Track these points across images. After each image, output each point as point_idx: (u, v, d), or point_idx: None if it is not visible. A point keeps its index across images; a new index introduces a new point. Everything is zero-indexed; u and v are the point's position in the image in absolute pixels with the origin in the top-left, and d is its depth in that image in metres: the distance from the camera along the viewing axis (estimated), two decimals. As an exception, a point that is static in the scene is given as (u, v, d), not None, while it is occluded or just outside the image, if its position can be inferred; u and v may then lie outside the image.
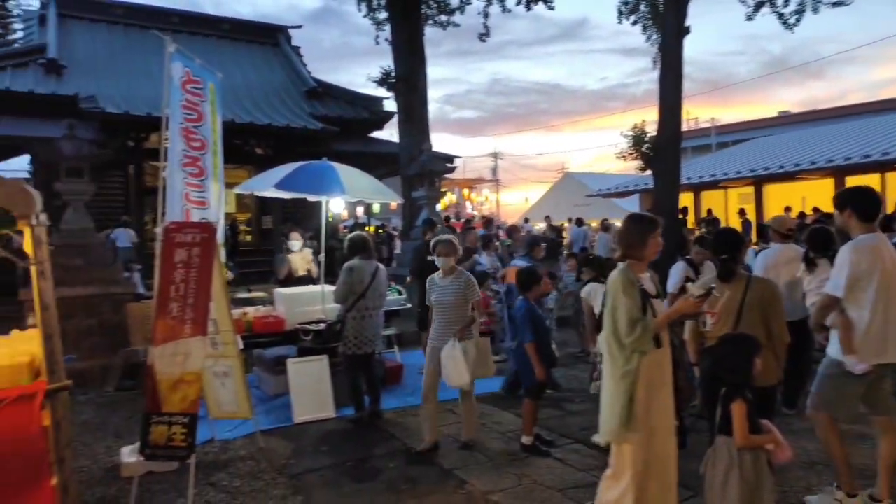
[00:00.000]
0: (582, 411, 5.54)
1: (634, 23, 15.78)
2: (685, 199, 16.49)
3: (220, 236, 5.01)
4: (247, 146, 15.22)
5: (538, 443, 4.70)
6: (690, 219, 16.86)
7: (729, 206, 19.59)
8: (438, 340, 4.76)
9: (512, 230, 10.07)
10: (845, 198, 3.57)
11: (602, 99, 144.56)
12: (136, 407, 6.07)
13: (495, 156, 43.79)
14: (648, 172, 14.37)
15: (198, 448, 4.04)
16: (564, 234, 19.87)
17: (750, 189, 18.53)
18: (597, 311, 4.93)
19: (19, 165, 16.40)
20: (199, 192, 5.30)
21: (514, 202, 43.47)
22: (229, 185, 17.47)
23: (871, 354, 3.38)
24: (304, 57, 20.35)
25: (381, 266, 5.71)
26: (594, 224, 19.52)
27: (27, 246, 2.84)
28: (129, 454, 4.40)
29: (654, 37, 15.77)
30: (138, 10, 18.44)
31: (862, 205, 3.50)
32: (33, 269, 2.84)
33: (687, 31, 12.29)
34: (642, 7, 15.31)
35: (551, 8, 15.19)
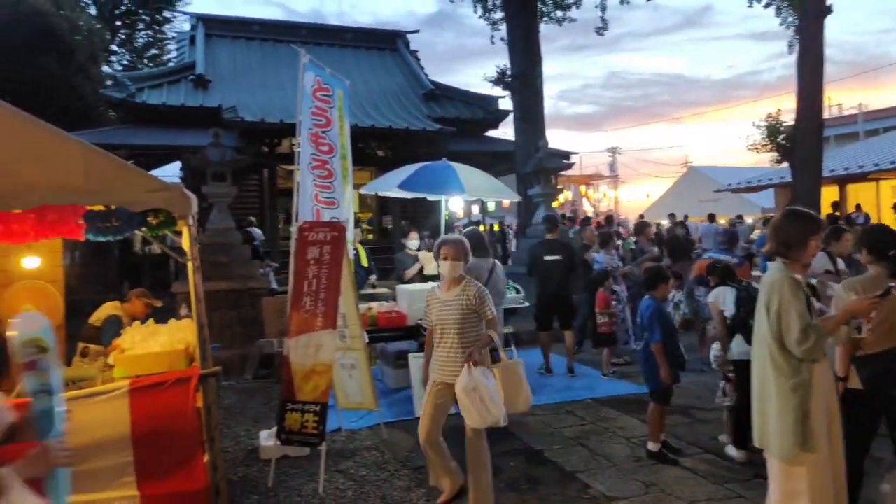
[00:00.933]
0: (712, 419, 5.23)
1: (767, 5, 14.67)
2: (829, 194, 15.04)
3: (350, 234, 5.24)
4: (368, 148, 15.82)
5: (665, 450, 4.50)
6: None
7: (882, 200, 17.66)
8: (442, 372, 3.72)
9: (640, 227, 9.61)
10: None
11: (729, 88, 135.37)
12: (271, 394, 6.53)
13: (613, 151, 42.43)
14: (785, 165, 13.27)
15: (327, 436, 4.25)
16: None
17: (907, 180, 16.60)
18: (727, 315, 4.60)
19: (171, 171, 18.17)
20: (328, 192, 5.57)
21: (634, 198, 41.87)
22: (354, 187, 18.22)
23: None
24: (422, 60, 20.84)
25: (498, 263, 5.72)
26: (723, 221, 18.34)
27: (185, 244, 3.13)
28: (266, 438, 4.73)
29: (790, 19, 14.58)
30: (272, 26, 19.81)
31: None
32: (189, 265, 3.14)
33: (828, 10, 11.22)
34: (777, -11, 14.19)
35: (675, -6, 14.47)
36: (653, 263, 6.70)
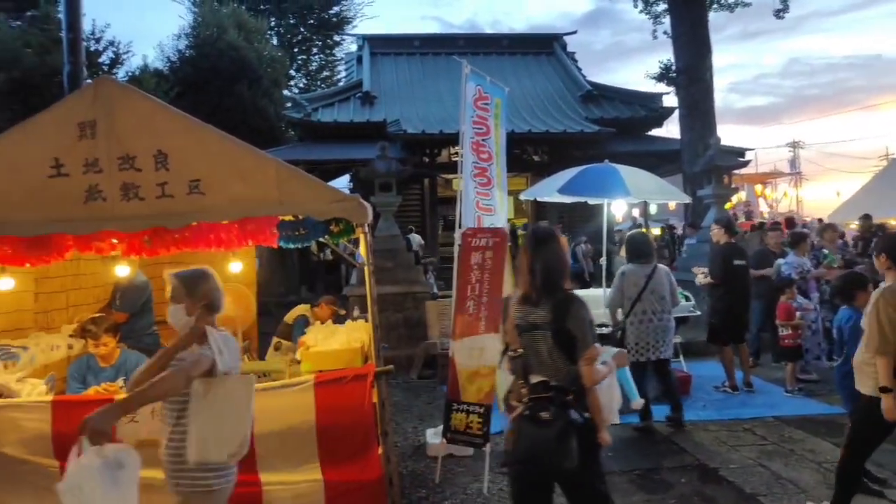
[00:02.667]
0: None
1: None
2: None
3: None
4: (524, 154, 15.86)
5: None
6: None
7: None
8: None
9: (826, 230, 8.52)
10: None
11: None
12: (436, 394, 6.77)
13: (795, 145, 38.42)
14: None
15: (491, 437, 4.31)
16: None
17: None
18: None
19: (341, 184, 19.63)
20: (487, 199, 5.65)
21: (821, 197, 37.49)
22: (509, 193, 18.30)
23: None
24: (578, 61, 20.50)
25: (662, 268, 5.43)
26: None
27: (362, 250, 3.37)
28: (433, 436, 4.91)
29: None
30: (431, 40, 20.66)
31: None
32: (366, 270, 3.37)
33: None
34: None
35: (872, -35, 12.80)
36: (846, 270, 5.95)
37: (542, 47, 20.77)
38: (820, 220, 21.13)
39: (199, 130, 3.21)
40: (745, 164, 16.26)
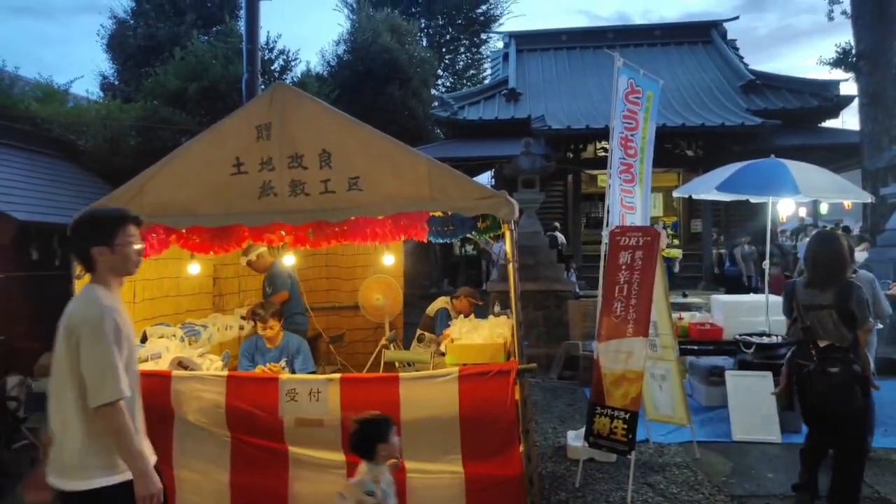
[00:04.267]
0: None
1: None
2: None
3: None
4: (676, 149, 15.02)
5: None
6: None
7: None
8: None
9: None
10: None
11: None
12: (575, 396, 6.64)
13: None
14: None
15: (636, 445, 4.14)
16: None
17: None
18: None
19: (483, 181, 19.85)
20: (630, 197, 5.46)
21: None
22: (658, 190, 17.57)
23: None
24: (740, 49, 19.00)
25: (864, 275, 4.87)
26: None
27: (507, 246, 3.38)
28: (574, 438, 4.82)
29: None
30: (578, 34, 20.20)
31: None
32: (510, 267, 3.37)
33: None
34: None
35: None
36: None
37: (699, 36, 19.51)
38: None
39: (358, 130, 3.41)
40: (945, 158, 14.12)
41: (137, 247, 2.34)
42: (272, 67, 15.47)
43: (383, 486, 2.71)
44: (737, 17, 20.31)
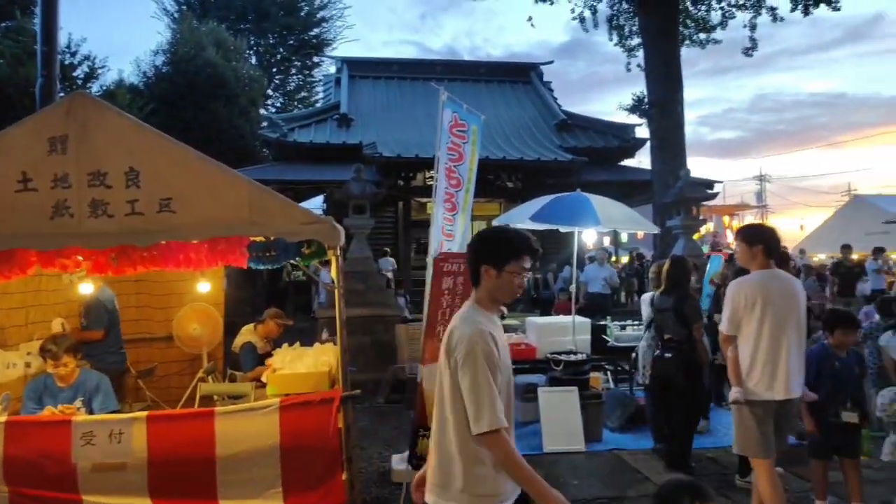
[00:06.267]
0: (884, 479, 4.64)
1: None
2: None
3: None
4: (498, 180, 16.03)
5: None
6: None
7: None
8: None
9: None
10: (757, 234, 3.76)
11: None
12: (403, 419, 6.71)
13: (761, 178, 39.59)
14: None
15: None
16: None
17: None
18: None
19: (314, 205, 19.54)
20: (450, 225, 5.68)
21: (786, 230, 38.51)
22: (482, 218, 18.48)
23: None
24: (554, 91, 20.90)
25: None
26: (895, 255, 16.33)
27: (333, 272, 3.37)
28: (398, 462, 4.87)
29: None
30: (409, 65, 20.89)
31: (772, 242, 3.72)
32: (336, 293, 3.37)
33: None
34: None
35: (836, 9, 13.33)
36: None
37: (519, 76, 21.14)
38: (802, 252, 21.59)
39: (172, 149, 3.21)
40: (714, 196, 16.64)
41: (522, 280, 2.19)
42: (74, 74, 14.00)
43: None
44: (552, 62, 22.26)
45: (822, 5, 13.36)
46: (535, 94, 20.24)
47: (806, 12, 13.51)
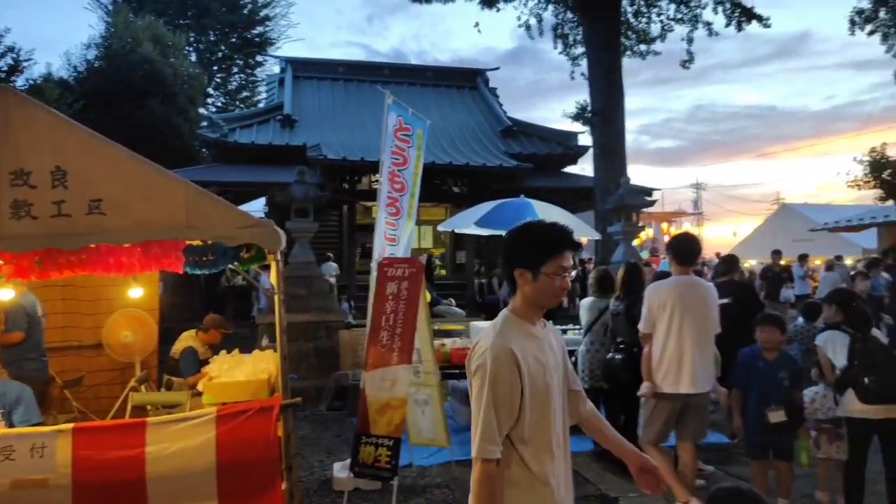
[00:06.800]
0: (804, 474, 4.87)
1: (871, 33, 14.02)
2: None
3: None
4: (444, 185, 16.07)
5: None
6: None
7: None
8: None
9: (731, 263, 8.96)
10: (668, 244, 4.37)
11: (827, 120, 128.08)
12: (345, 426, 6.63)
13: (697, 187, 41.17)
14: (891, 202, 12.45)
15: (399, 471, 4.26)
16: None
17: None
18: (837, 364, 4.06)
19: (256, 207, 19.11)
20: (393, 230, 5.65)
21: (720, 237, 40.21)
22: (428, 223, 18.48)
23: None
24: (500, 97, 21.13)
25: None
26: (818, 262, 17.26)
27: (272, 277, 3.29)
28: (340, 470, 4.79)
29: (898, 45, 13.90)
30: (355, 67, 20.72)
31: (677, 251, 4.20)
32: (276, 298, 3.29)
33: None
34: (882, 14, 13.55)
35: (767, 26, 14.04)
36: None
37: (466, 81, 21.27)
38: (718, 255, 22.45)
39: (103, 148, 3.06)
40: (653, 203, 17.09)
41: (564, 280, 1.96)
42: (-6, 66, 13.27)
43: None
44: (498, 68, 22.48)
45: (754, 21, 14.03)
46: (481, 100, 20.41)
47: (739, 28, 14.16)
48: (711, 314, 4.08)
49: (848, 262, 16.20)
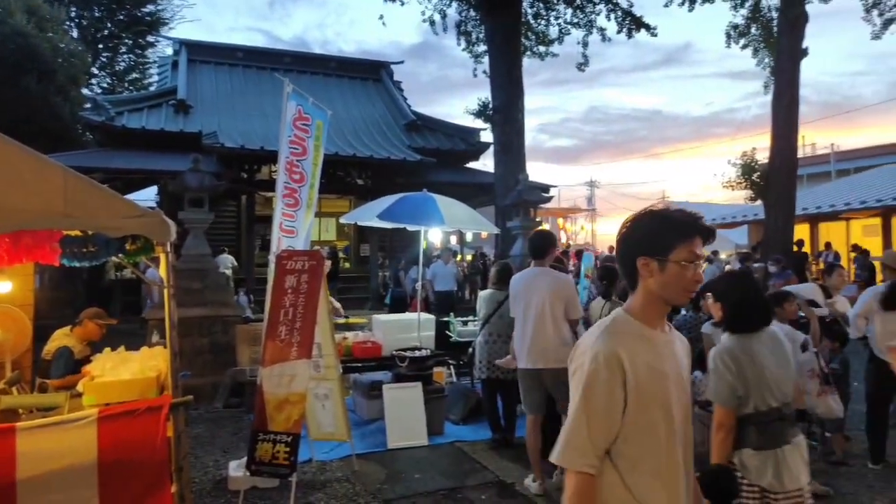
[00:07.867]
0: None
1: (744, 46, 15.26)
2: (800, 231, 15.45)
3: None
4: (349, 177, 15.90)
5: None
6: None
7: (852, 239, 18.18)
8: None
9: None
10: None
11: (707, 125, 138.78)
12: (242, 424, 6.43)
13: (591, 184, 43.13)
14: (759, 202, 13.66)
15: (298, 467, 4.20)
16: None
17: (876, 221, 17.06)
18: None
19: (147, 196, 18.03)
20: (290, 221, 5.51)
21: (611, 232, 42.35)
22: (331, 215, 18.22)
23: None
24: (404, 91, 21.15)
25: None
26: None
27: (162, 270, 3.13)
28: (235, 468, 4.65)
29: (767, 60, 15.18)
30: (255, 53, 19.99)
31: (531, 247, 4.76)
32: (165, 292, 3.13)
33: (804, 53, 11.69)
34: (753, 30, 14.79)
35: (654, 35, 14.97)
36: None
37: (370, 73, 21.10)
38: (611, 249, 23.70)
39: (-37, 129, 2.79)
40: (550, 199, 17.84)
41: (696, 270, 1.65)
42: None
43: None
44: (402, 62, 22.49)
45: (643, 30, 14.91)
46: (385, 93, 20.33)
47: (629, 35, 14.99)
48: (556, 300, 4.49)
49: (723, 256, 17.62)
